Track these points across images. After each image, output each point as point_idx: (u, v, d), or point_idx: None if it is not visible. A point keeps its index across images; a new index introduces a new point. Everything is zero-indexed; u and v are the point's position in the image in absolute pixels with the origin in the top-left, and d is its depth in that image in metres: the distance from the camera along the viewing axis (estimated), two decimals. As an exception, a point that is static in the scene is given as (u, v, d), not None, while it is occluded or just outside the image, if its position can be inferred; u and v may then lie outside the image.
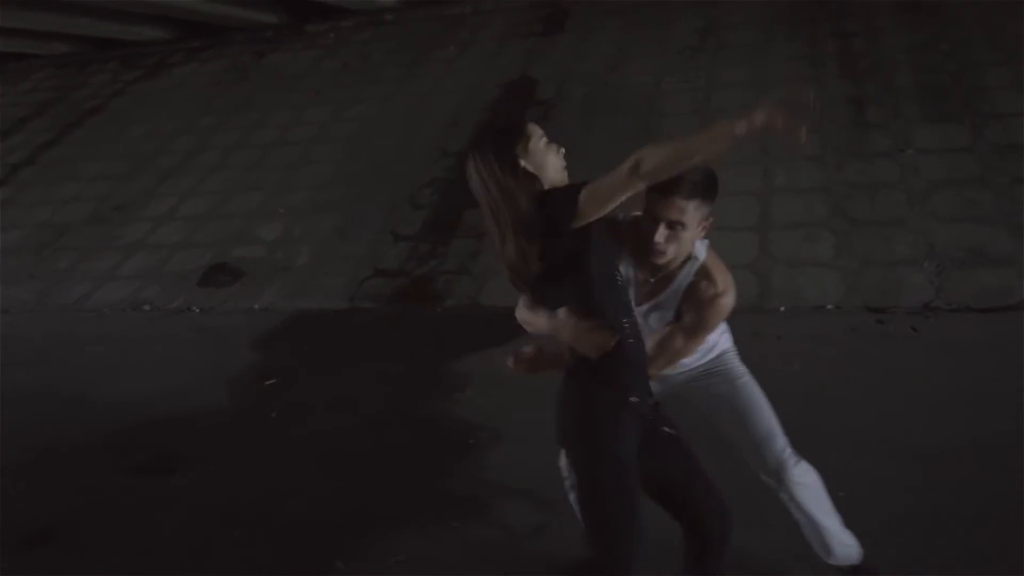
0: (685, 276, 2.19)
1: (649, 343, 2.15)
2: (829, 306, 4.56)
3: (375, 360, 4.57)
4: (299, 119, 7.94)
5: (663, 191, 2.05)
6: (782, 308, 4.62)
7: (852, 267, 4.78)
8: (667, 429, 2.05)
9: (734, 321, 4.06)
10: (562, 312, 1.96)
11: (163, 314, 5.69)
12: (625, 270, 2.16)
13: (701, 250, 2.23)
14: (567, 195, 1.83)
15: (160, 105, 8.89)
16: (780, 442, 2.33)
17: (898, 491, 2.94)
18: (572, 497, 2.29)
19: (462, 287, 5.39)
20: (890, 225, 4.96)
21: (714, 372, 2.41)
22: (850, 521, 2.44)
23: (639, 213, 2.16)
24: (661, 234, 2.06)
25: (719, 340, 2.45)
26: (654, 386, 2.12)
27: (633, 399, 1.93)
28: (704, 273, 2.20)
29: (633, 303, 2.10)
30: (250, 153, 7.57)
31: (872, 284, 4.64)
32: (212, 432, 3.95)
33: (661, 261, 2.13)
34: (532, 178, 1.89)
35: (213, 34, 10.08)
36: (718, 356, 2.45)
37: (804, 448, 2.37)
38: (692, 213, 2.08)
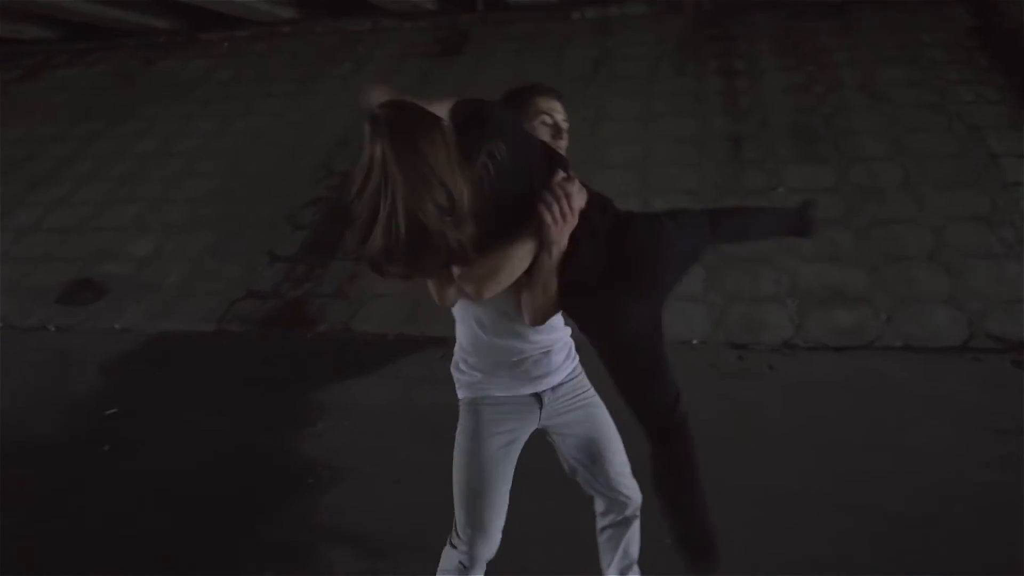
0: None
1: None
2: (695, 341, 4.64)
3: (231, 388, 4.40)
4: (184, 129, 7.67)
5: (550, 95, 2.09)
6: (648, 342, 4.66)
7: (719, 303, 4.88)
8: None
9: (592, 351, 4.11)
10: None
11: (15, 332, 5.36)
12: None
13: None
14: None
15: (36, 109, 8.45)
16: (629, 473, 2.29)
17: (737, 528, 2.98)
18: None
19: (336, 311, 5.27)
20: (758, 262, 5.09)
21: (580, 388, 2.22)
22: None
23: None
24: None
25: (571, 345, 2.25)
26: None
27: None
28: None
29: None
30: (129, 163, 7.26)
31: (736, 320, 4.75)
32: (36, 464, 3.70)
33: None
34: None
35: (102, 37, 9.66)
36: (579, 368, 2.24)
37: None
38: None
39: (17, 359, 4.87)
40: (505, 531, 2.09)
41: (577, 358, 2.21)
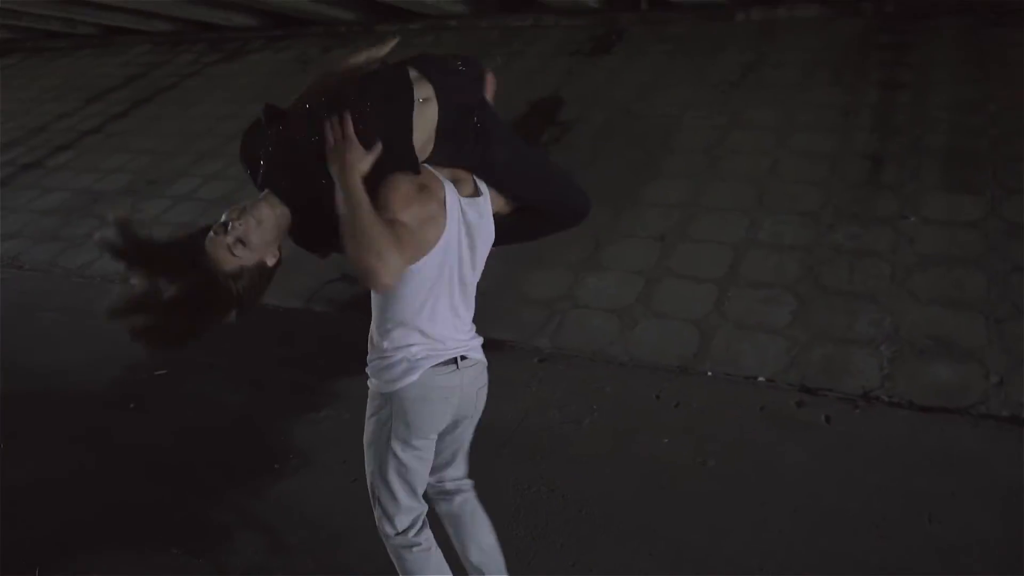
0: None
1: None
2: (761, 378, 4.19)
3: (279, 365, 4.58)
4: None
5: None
6: (709, 372, 4.29)
7: (802, 339, 4.37)
8: None
9: (642, 373, 3.86)
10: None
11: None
12: None
13: None
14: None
15: (223, 88, 9.30)
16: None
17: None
18: None
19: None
20: (861, 298, 4.51)
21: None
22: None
23: None
24: None
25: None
26: None
27: None
28: None
29: None
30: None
31: (816, 361, 4.23)
32: (63, 410, 4.06)
33: None
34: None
35: (294, 25, 10.45)
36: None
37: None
38: None
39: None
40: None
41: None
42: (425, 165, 1.94)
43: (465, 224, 1.98)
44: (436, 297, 1.97)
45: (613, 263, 5.29)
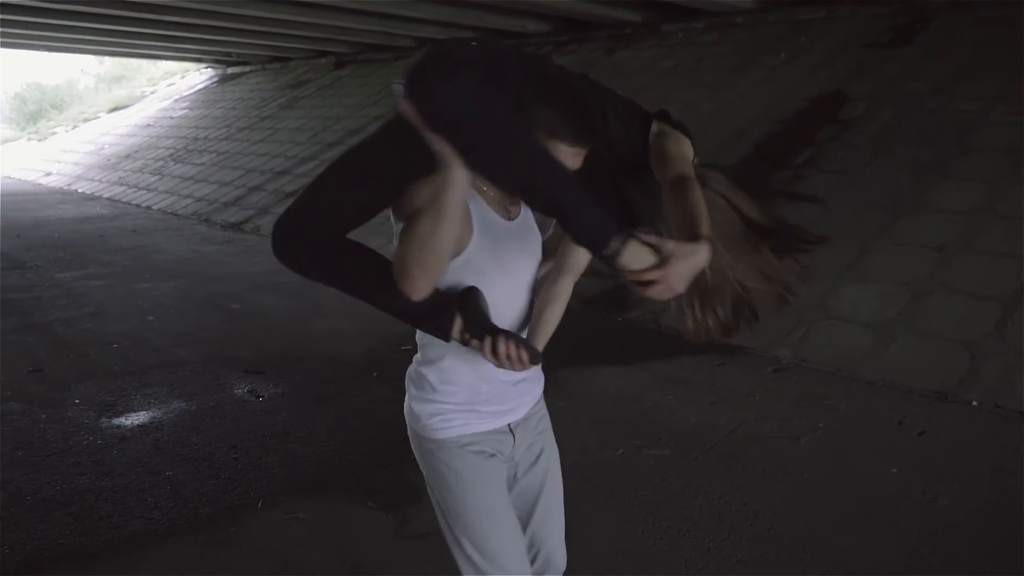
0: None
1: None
2: (974, 403, 3.52)
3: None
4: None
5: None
6: (974, 403, 3.68)
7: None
8: None
9: (890, 395, 3.75)
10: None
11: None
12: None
13: None
14: None
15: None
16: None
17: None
18: None
19: (657, 302, 5.20)
20: None
21: (543, 424, 1.77)
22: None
23: None
24: None
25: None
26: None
27: None
28: None
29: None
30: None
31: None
32: (322, 373, 4.48)
33: None
34: None
35: (581, 29, 10.73)
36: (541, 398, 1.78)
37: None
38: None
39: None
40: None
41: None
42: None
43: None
44: None
45: (877, 273, 4.75)
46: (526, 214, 1.64)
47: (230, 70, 18.17)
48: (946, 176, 5.29)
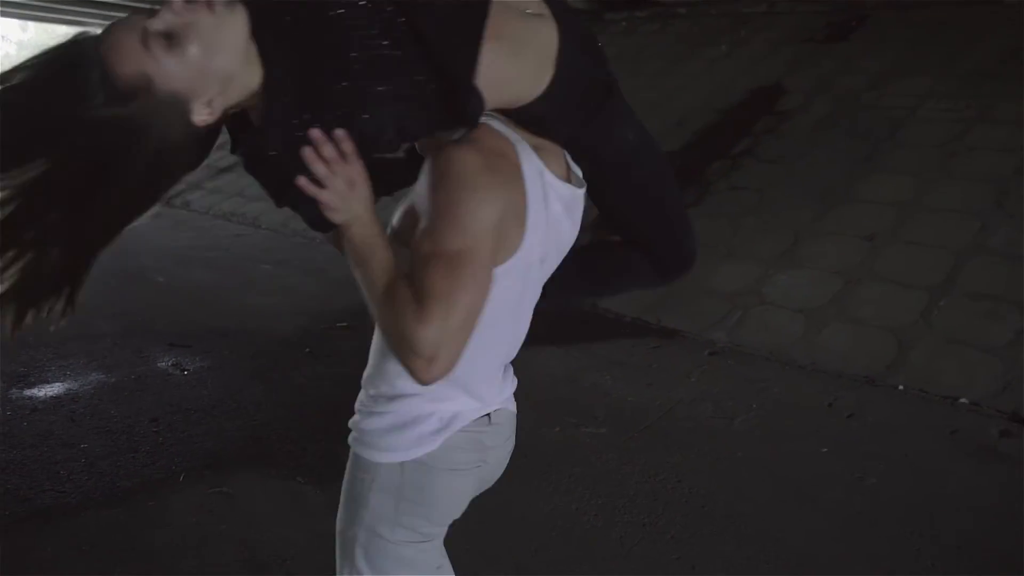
0: None
1: None
2: (964, 400, 3.61)
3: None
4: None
5: None
6: (900, 387, 3.77)
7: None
8: None
9: (820, 379, 3.80)
10: None
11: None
12: None
13: None
14: None
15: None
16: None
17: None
18: None
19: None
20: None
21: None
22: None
23: None
24: None
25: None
26: None
27: None
28: None
29: None
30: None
31: (1038, 388, 3.57)
32: (253, 348, 4.36)
33: None
34: None
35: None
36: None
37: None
38: None
39: (323, 271, 5.77)
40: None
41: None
42: (492, 118, 1.17)
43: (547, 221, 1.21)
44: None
45: (810, 261, 4.83)
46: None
47: (163, 40, 17.47)
48: (878, 169, 5.41)
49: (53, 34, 22.50)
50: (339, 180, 1.07)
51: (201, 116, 1.04)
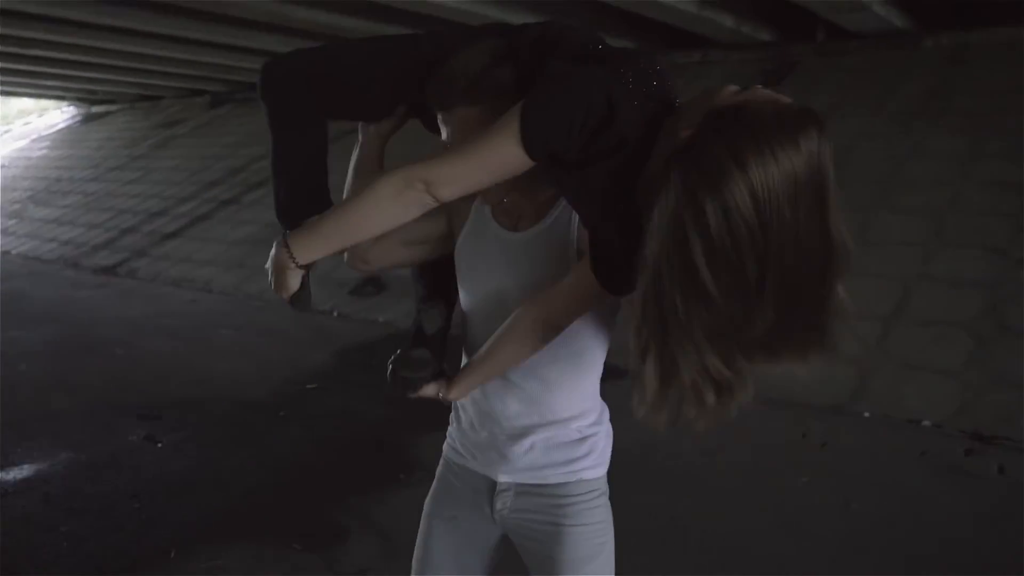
0: None
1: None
2: (926, 422, 3.78)
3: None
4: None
5: None
6: (866, 414, 3.92)
7: (977, 382, 3.92)
8: None
9: (791, 412, 3.75)
10: None
11: (309, 313, 6.31)
12: None
13: None
14: None
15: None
16: None
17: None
18: None
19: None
20: (1054, 341, 3.99)
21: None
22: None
23: None
24: None
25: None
26: None
27: None
28: None
29: None
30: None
31: (992, 406, 3.77)
32: (226, 415, 4.31)
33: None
34: None
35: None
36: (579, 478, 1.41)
37: None
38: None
39: (285, 332, 5.75)
40: None
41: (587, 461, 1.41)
42: None
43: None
44: None
45: (767, 297, 5.00)
46: (550, 231, 1.34)
47: (94, 108, 17.27)
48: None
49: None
50: None
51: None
